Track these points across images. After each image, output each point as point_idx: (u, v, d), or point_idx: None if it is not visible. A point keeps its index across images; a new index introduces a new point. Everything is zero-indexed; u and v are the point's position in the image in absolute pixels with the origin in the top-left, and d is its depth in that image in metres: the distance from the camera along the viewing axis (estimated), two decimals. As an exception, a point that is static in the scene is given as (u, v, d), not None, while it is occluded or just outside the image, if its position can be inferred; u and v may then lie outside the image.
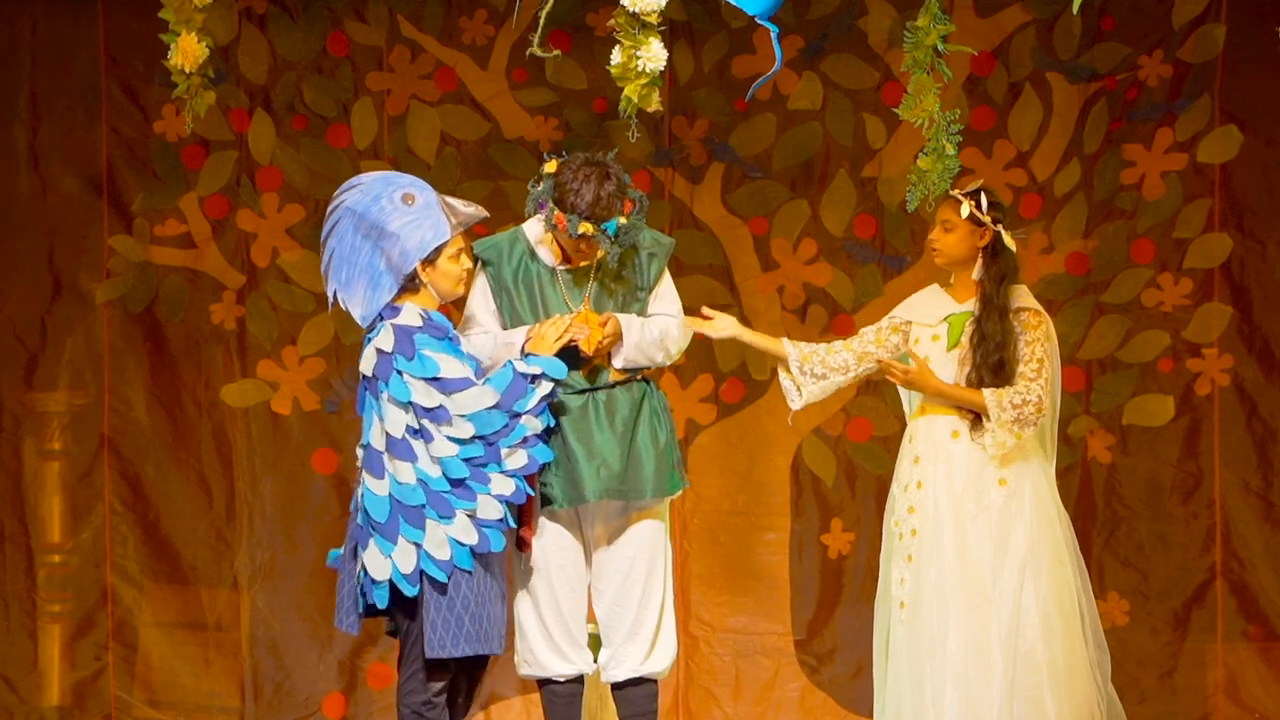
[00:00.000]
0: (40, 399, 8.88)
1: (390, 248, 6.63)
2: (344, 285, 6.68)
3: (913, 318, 7.10)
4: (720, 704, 8.73)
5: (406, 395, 6.53)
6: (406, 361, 6.54)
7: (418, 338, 6.56)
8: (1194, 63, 8.60)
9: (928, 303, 7.10)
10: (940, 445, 6.94)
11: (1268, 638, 8.57)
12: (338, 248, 6.68)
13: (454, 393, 6.54)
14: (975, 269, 6.98)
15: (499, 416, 6.56)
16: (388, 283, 6.65)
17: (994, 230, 6.96)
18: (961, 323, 6.98)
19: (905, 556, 6.95)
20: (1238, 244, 8.64)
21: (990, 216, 6.94)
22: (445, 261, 6.68)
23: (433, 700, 6.64)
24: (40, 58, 8.87)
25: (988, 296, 6.93)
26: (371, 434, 6.60)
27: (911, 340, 7.07)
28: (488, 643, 6.61)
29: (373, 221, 6.65)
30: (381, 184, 6.72)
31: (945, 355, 6.97)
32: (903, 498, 7.01)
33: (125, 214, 8.87)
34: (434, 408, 6.52)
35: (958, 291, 7.04)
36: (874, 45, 8.71)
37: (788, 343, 7.17)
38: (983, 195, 6.96)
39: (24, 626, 8.85)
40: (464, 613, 6.57)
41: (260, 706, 8.78)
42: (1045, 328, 6.96)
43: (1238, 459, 8.63)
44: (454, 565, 6.54)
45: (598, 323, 6.78)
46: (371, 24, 8.81)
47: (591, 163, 6.75)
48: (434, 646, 6.56)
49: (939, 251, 7.00)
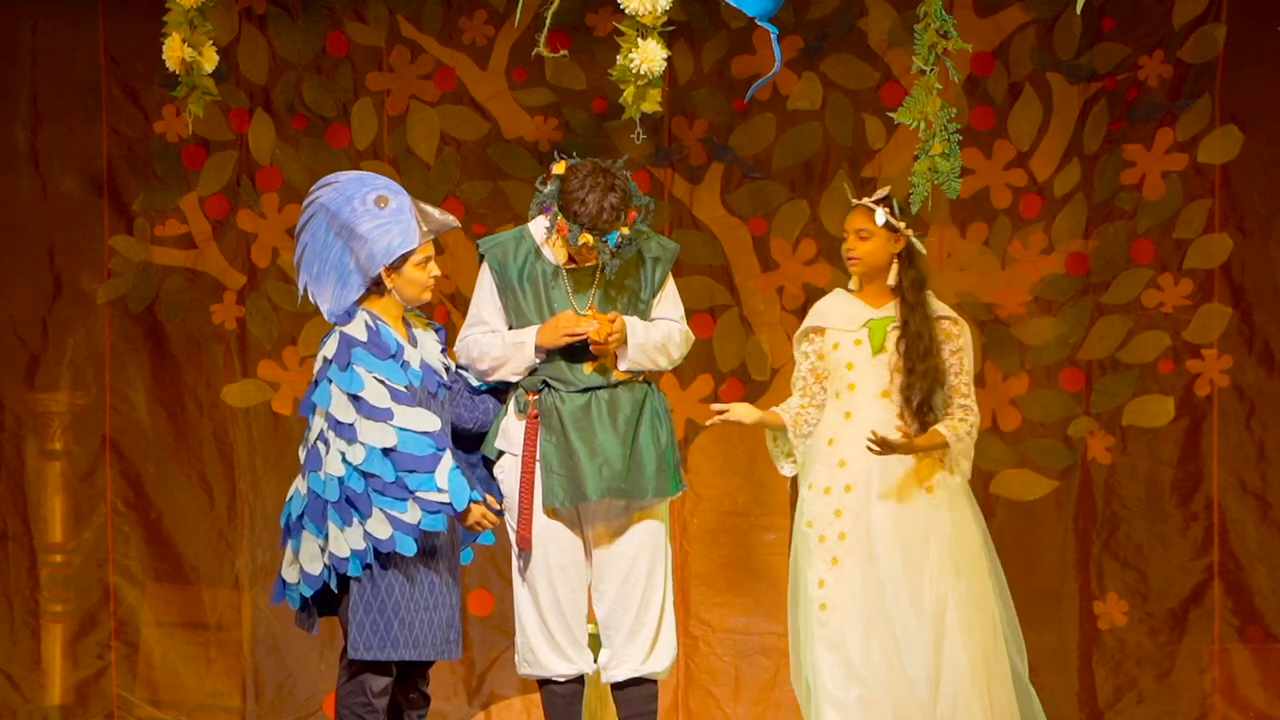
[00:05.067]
0: (42, 399, 8.89)
1: (359, 249, 6.66)
2: (314, 280, 6.73)
3: (826, 324, 7.15)
4: (720, 704, 8.73)
5: (327, 403, 6.57)
6: (338, 371, 6.58)
7: (356, 351, 6.59)
8: (1194, 63, 8.59)
9: (839, 309, 7.16)
10: (866, 451, 6.97)
11: (1265, 638, 8.57)
12: (310, 242, 6.73)
13: (366, 417, 6.56)
14: (890, 275, 7.04)
15: (389, 468, 6.56)
16: (356, 282, 6.69)
17: (907, 236, 7.03)
18: (883, 328, 7.05)
19: (829, 559, 7.01)
20: (1238, 244, 8.63)
21: (903, 222, 7.00)
22: (411, 268, 6.70)
23: (372, 702, 6.65)
24: (40, 58, 8.87)
25: (910, 303, 7.03)
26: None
27: (830, 345, 7.11)
28: (419, 648, 6.63)
29: (344, 221, 6.68)
30: (356, 184, 6.74)
31: (871, 361, 7.04)
32: (823, 500, 7.05)
33: (126, 214, 8.87)
34: (346, 423, 6.55)
35: (869, 297, 7.12)
36: (874, 45, 8.70)
37: (779, 411, 7.20)
38: (894, 202, 7.02)
39: (27, 625, 8.87)
40: (394, 616, 6.59)
41: (261, 706, 8.79)
42: (965, 335, 7.11)
43: (1236, 459, 8.63)
44: (348, 571, 6.58)
45: (606, 320, 6.81)
46: (371, 24, 8.81)
47: (599, 171, 6.76)
48: (358, 648, 6.60)
49: (857, 260, 7.08)
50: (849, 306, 7.14)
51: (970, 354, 7.10)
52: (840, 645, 6.97)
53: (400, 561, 6.59)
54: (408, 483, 6.53)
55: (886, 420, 7.00)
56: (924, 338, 6.99)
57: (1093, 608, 8.66)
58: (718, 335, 8.77)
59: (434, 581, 6.66)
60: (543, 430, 6.87)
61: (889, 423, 6.99)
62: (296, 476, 6.74)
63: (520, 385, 6.93)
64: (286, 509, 6.72)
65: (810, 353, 7.18)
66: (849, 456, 7.04)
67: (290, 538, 6.70)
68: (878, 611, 6.93)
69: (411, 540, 6.53)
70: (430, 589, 6.66)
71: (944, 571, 6.95)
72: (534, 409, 6.89)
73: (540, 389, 6.89)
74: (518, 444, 6.92)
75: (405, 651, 6.61)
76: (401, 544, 6.53)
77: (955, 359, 7.05)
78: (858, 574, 6.97)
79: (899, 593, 6.94)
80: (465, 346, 6.99)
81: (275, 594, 6.81)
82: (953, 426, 6.98)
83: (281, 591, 6.76)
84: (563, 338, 6.82)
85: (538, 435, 6.87)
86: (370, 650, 6.59)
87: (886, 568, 6.95)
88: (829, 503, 7.04)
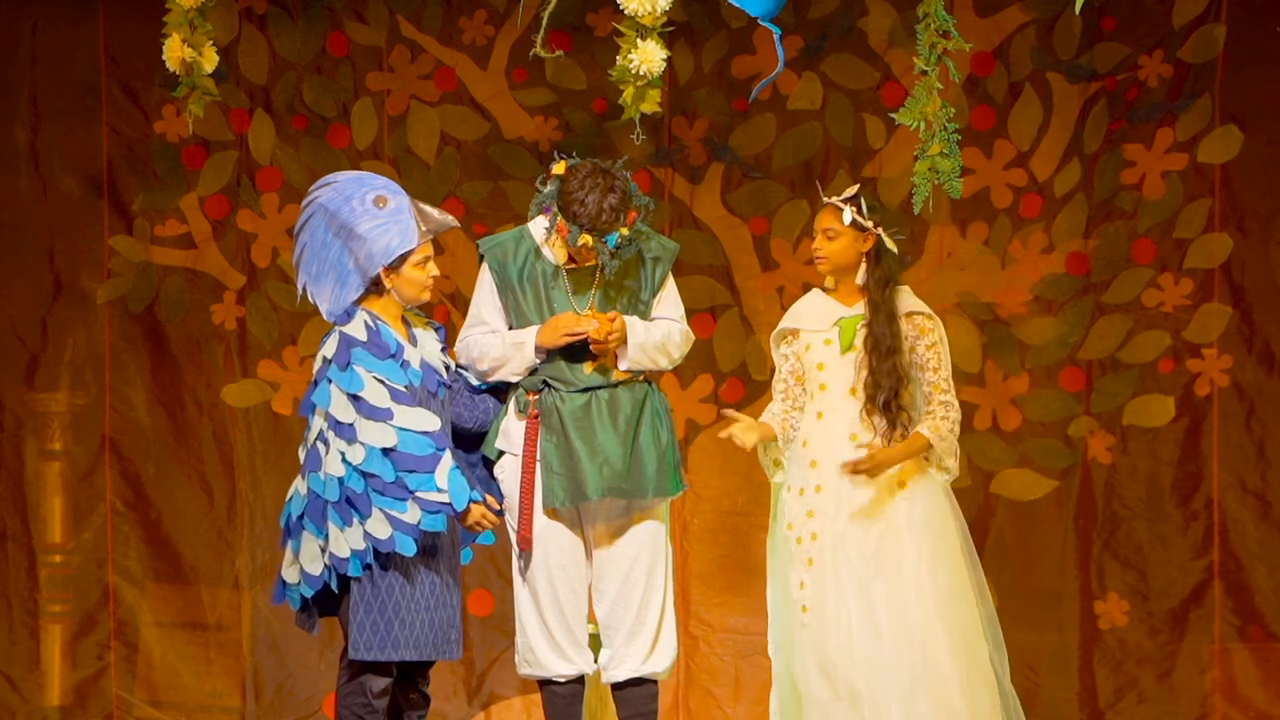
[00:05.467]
0: (41, 399, 8.88)
1: (358, 249, 6.66)
2: (313, 280, 6.73)
3: (800, 325, 7.15)
4: (720, 704, 8.73)
5: (326, 403, 6.56)
6: (338, 372, 6.58)
7: (356, 351, 6.59)
8: (1194, 63, 8.60)
9: (814, 309, 7.15)
10: (838, 450, 6.98)
11: (1265, 638, 8.58)
12: (309, 242, 6.73)
13: (366, 417, 6.56)
14: (859, 274, 7.03)
15: (389, 468, 6.56)
16: (355, 282, 6.69)
17: (875, 234, 7.01)
18: (853, 326, 7.03)
19: (805, 560, 7.00)
20: (1238, 244, 8.63)
21: (871, 220, 6.99)
22: (410, 268, 6.70)
23: (372, 703, 6.65)
24: (40, 58, 8.87)
25: (875, 301, 7.00)
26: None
27: (802, 345, 7.11)
28: (420, 648, 6.63)
29: (343, 221, 6.67)
30: (355, 184, 6.74)
31: (840, 360, 7.03)
32: (798, 501, 7.05)
33: (126, 214, 8.87)
34: (346, 423, 6.55)
35: (842, 296, 7.10)
36: (874, 45, 8.70)
37: (766, 421, 7.17)
38: (862, 200, 7.01)
39: (26, 626, 8.86)
40: (394, 617, 6.59)
41: (261, 706, 8.79)
42: (939, 330, 7.06)
43: (1236, 459, 8.63)
44: (348, 572, 6.57)
45: (606, 319, 6.81)
46: (371, 24, 8.81)
47: (598, 172, 6.76)
48: (359, 649, 6.59)
49: (824, 259, 7.06)
50: (822, 307, 7.13)
51: (945, 347, 7.05)
52: (820, 646, 6.95)
53: (400, 562, 6.59)
54: (407, 483, 6.53)
55: (856, 419, 6.99)
56: (886, 336, 6.96)
57: (1093, 607, 8.66)
58: (718, 335, 8.77)
59: (434, 581, 6.66)
60: (543, 430, 6.86)
61: (858, 422, 6.98)
62: (296, 477, 6.74)
63: (520, 385, 6.92)
64: (286, 509, 6.72)
65: (789, 354, 7.17)
66: (820, 456, 7.03)
67: (290, 538, 6.70)
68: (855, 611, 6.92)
69: (411, 540, 6.53)
70: (431, 589, 6.65)
71: (919, 569, 6.93)
72: (534, 409, 6.88)
73: (540, 389, 6.89)
74: (518, 444, 6.92)
75: (406, 652, 6.61)
76: (401, 544, 6.53)
77: (931, 353, 7.00)
78: (831, 574, 6.96)
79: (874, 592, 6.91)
80: (465, 347, 6.99)
81: (275, 595, 6.80)
82: (934, 426, 6.95)
83: (282, 592, 6.75)
84: (562, 337, 6.82)
85: (538, 435, 6.87)
86: (371, 651, 6.59)
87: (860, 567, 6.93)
88: (803, 504, 7.03)
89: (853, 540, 6.95)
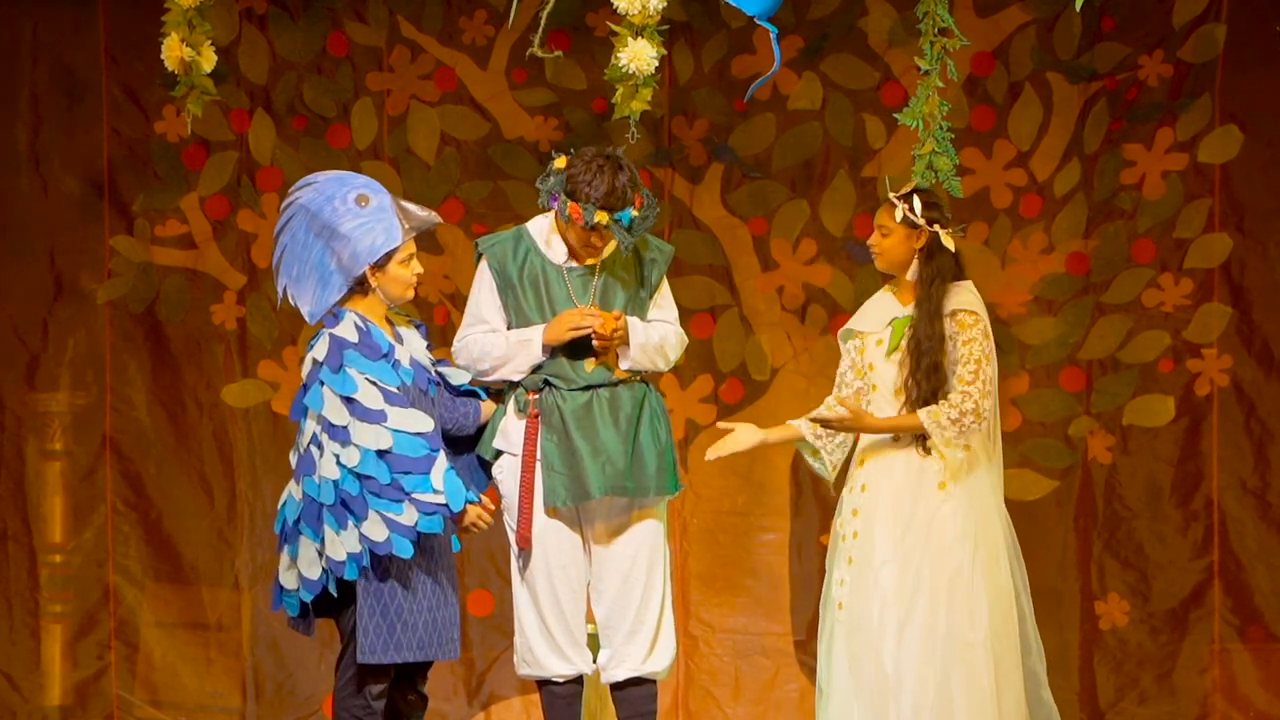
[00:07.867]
0: (42, 399, 8.89)
1: (341, 249, 6.65)
2: (294, 281, 6.73)
3: (862, 327, 7.15)
4: (720, 704, 8.73)
5: (319, 406, 6.55)
6: (330, 374, 6.56)
7: (348, 353, 6.58)
8: (1194, 63, 8.59)
9: (876, 309, 7.15)
10: (882, 449, 6.98)
11: (1265, 638, 8.57)
12: (290, 244, 6.72)
13: (360, 419, 6.54)
14: (911, 270, 7.02)
15: (385, 470, 6.55)
16: (337, 283, 6.68)
17: (929, 231, 6.99)
18: (903, 326, 7.02)
19: (846, 559, 7.00)
20: (1238, 244, 8.63)
21: (926, 218, 6.98)
22: (395, 266, 6.70)
23: (371, 705, 6.65)
24: (40, 58, 8.87)
25: (919, 299, 6.98)
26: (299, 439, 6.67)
27: (861, 345, 7.12)
28: (424, 649, 6.64)
29: (325, 221, 6.67)
30: (336, 184, 6.74)
31: (886, 360, 7.01)
32: (848, 500, 7.06)
33: (126, 214, 8.88)
34: (340, 426, 6.54)
35: (902, 294, 7.09)
36: (874, 45, 8.70)
37: (797, 422, 7.18)
38: (916, 197, 6.99)
39: (26, 626, 8.87)
40: (397, 619, 6.59)
41: (261, 706, 8.79)
42: (981, 326, 6.99)
43: (1235, 459, 8.62)
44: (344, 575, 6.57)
45: (611, 315, 6.82)
46: (371, 24, 8.81)
47: (603, 155, 6.79)
48: (365, 653, 6.59)
49: (879, 255, 7.06)
50: (881, 307, 7.12)
51: (981, 345, 6.95)
52: (851, 644, 6.94)
53: (401, 564, 6.59)
54: (403, 484, 6.52)
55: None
56: (927, 336, 6.95)
57: (1094, 608, 8.66)
58: (718, 335, 8.77)
59: (434, 581, 6.66)
60: (543, 429, 6.87)
61: None
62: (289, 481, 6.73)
63: (520, 384, 6.93)
64: (281, 514, 6.71)
65: (850, 349, 7.17)
66: (866, 456, 7.04)
67: (286, 543, 6.69)
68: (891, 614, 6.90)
69: (408, 542, 6.53)
70: (431, 589, 6.65)
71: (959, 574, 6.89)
72: (534, 408, 6.89)
73: (541, 388, 6.89)
74: (517, 443, 6.92)
75: (409, 653, 6.61)
76: (398, 546, 6.52)
77: (965, 349, 6.93)
78: (870, 573, 6.94)
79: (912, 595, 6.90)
80: (465, 346, 6.98)
81: (274, 600, 6.79)
82: (934, 411, 6.89)
83: (279, 598, 6.75)
84: (568, 332, 6.82)
85: (538, 434, 6.87)
86: (376, 654, 6.58)
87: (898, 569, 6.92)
88: (850, 502, 7.04)
89: (892, 542, 6.93)
